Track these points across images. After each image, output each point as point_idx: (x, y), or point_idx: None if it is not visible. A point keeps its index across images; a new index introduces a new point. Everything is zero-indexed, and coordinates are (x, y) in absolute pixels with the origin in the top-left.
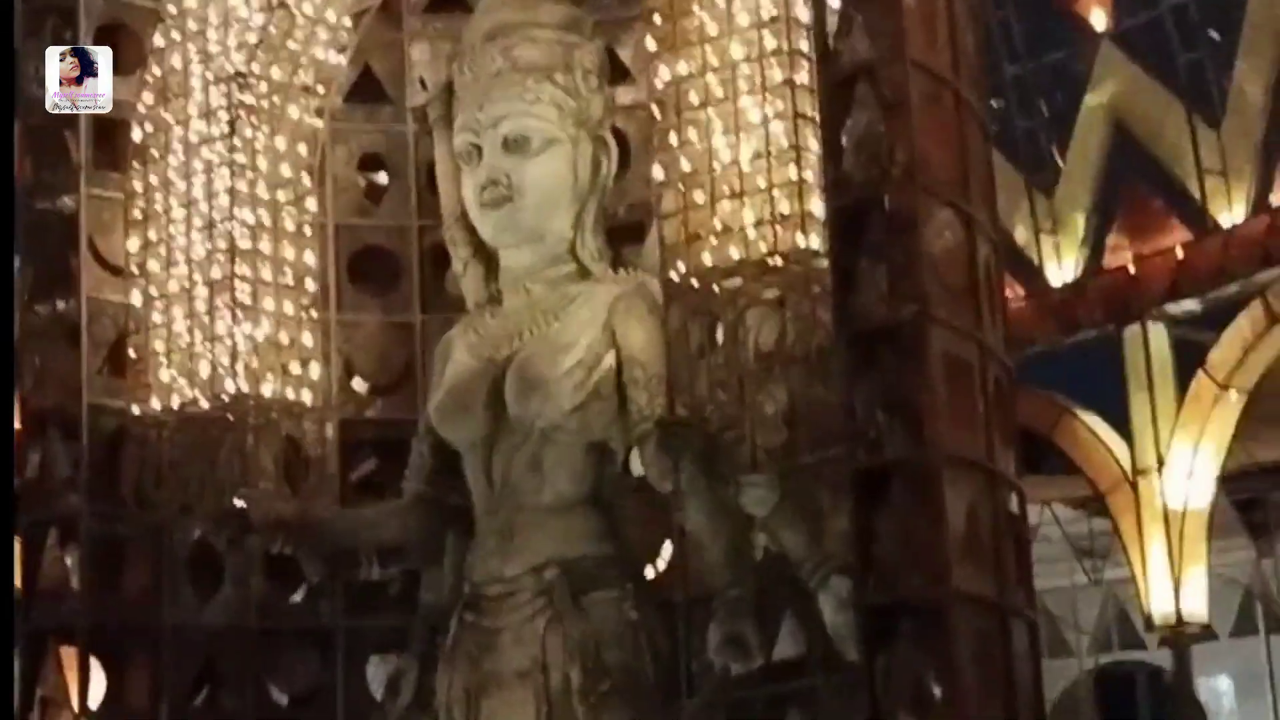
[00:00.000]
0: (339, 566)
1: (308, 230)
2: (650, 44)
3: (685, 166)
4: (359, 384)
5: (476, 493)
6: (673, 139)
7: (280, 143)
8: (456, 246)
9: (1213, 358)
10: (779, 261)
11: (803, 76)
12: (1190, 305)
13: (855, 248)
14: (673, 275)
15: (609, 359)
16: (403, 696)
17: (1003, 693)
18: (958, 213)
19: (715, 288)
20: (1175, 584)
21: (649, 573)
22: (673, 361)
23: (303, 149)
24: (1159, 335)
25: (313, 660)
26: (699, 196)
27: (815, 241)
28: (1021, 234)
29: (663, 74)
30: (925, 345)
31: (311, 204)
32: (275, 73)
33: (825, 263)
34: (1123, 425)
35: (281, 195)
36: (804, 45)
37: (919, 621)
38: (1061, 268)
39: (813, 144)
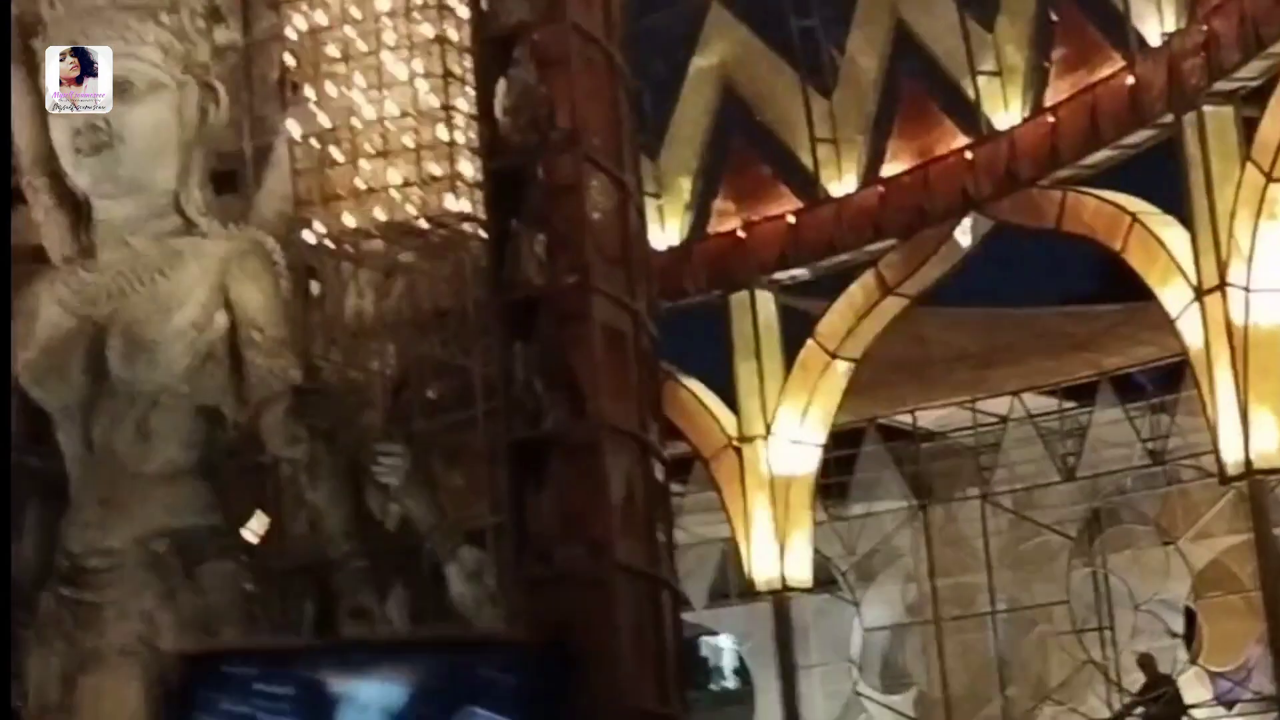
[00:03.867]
0: None
1: None
2: None
3: (323, 122)
4: None
5: (72, 459)
6: (309, 92)
7: None
8: (38, 193)
9: (822, 326)
10: (424, 224)
11: (453, 33)
12: (800, 273)
13: (511, 213)
14: (307, 235)
15: (222, 320)
16: None
17: (655, 663)
18: (612, 179)
19: (352, 249)
20: (780, 549)
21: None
22: (294, 324)
23: None
24: (766, 303)
25: None
26: (338, 154)
27: (465, 205)
28: None
29: (297, 23)
30: (587, 316)
31: None
32: None
33: (473, 227)
34: (728, 393)
35: None
36: (454, 1)
37: (580, 595)
38: (665, 231)
39: (462, 104)
